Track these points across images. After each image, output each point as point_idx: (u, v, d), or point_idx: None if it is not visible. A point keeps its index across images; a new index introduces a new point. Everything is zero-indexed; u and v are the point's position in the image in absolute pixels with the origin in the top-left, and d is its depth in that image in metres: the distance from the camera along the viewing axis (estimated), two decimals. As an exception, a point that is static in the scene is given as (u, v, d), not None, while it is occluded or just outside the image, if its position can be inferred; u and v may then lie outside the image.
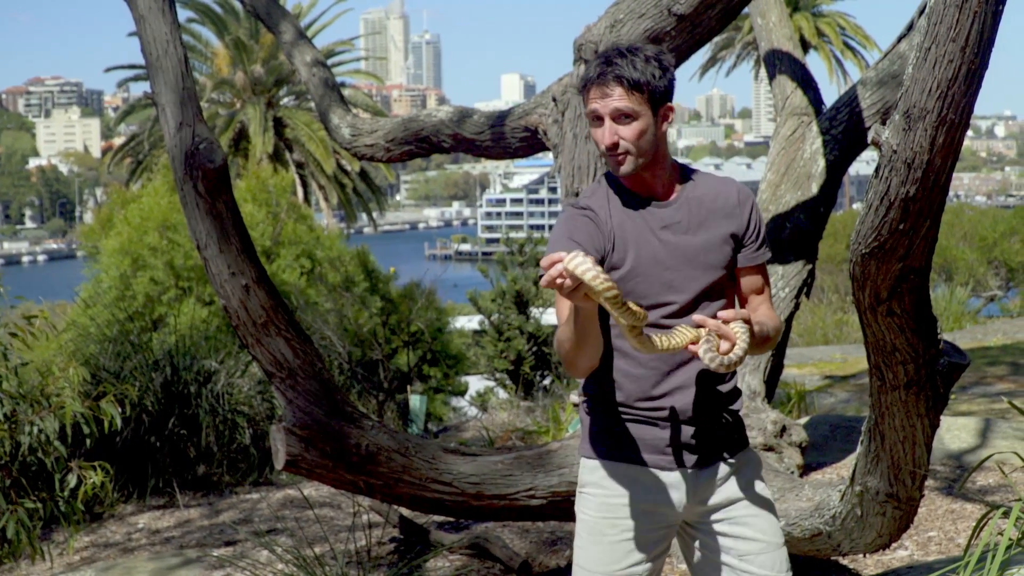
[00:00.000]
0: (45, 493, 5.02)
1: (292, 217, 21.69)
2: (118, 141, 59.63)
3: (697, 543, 3.11)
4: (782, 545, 3.09)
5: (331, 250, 21.16)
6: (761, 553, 3.05)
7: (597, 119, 2.96)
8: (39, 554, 5.00)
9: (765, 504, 3.11)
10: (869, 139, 3.23)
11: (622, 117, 2.92)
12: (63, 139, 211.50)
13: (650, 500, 3.04)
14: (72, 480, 4.98)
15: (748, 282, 3.10)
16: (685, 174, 3.09)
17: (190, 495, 7.81)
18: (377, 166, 40.95)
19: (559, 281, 2.53)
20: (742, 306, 3.13)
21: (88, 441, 5.39)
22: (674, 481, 3.03)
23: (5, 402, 5.01)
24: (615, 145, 2.94)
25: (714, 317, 2.83)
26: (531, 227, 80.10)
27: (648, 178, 3.02)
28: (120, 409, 5.18)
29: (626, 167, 2.96)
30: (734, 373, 3.06)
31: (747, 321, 2.81)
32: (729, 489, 3.08)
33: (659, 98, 2.93)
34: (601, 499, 3.08)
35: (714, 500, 3.07)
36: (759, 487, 3.12)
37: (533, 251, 19.41)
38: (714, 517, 3.08)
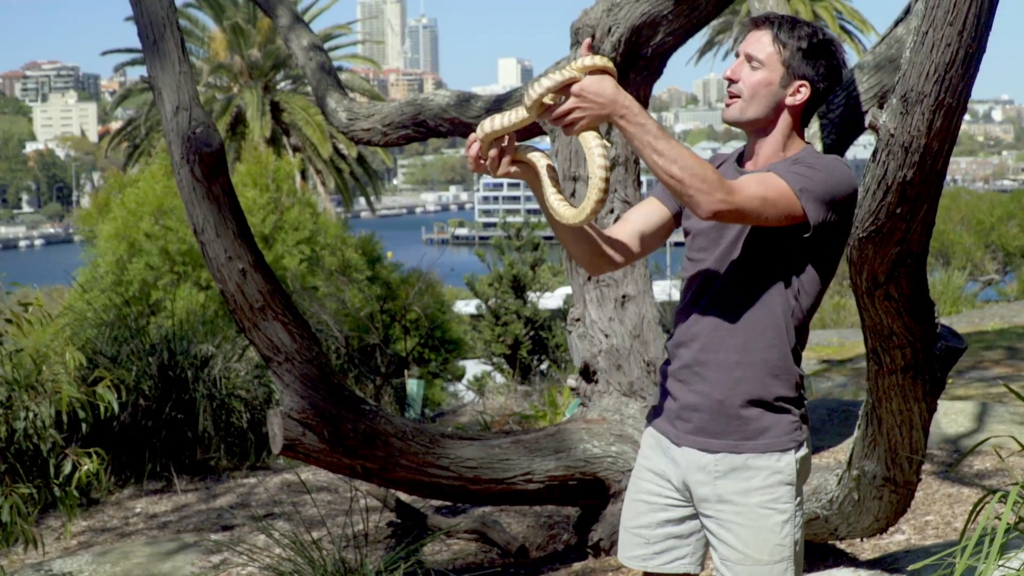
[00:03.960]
0: (40, 479, 5.01)
1: (294, 203, 21.68)
2: (115, 125, 59.37)
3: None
4: (768, 564, 2.88)
5: (332, 236, 21.16)
6: (739, 564, 2.90)
7: (736, 57, 2.96)
8: (34, 540, 4.99)
9: (759, 518, 2.89)
10: (866, 123, 3.22)
11: (753, 61, 2.90)
12: (60, 123, 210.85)
13: (660, 468, 3.02)
14: (67, 467, 4.96)
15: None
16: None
17: (187, 480, 7.81)
18: (374, 151, 40.89)
19: (479, 159, 2.75)
20: None
21: (84, 427, 5.38)
22: (674, 454, 2.98)
23: (0, 388, 4.99)
24: (731, 81, 2.91)
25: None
26: (528, 211, 79.78)
27: (752, 143, 2.98)
28: (116, 394, 5.15)
29: (731, 111, 2.93)
30: (748, 364, 2.87)
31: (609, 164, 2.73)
32: (723, 486, 2.90)
33: (796, 67, 2.87)
34: (638, 458, 3.12)
35: (703, 491, 2.94)
36: (760, 499, 2.89)
37: (530, 235, 19.37)
38: (704, 510, 2.95)
